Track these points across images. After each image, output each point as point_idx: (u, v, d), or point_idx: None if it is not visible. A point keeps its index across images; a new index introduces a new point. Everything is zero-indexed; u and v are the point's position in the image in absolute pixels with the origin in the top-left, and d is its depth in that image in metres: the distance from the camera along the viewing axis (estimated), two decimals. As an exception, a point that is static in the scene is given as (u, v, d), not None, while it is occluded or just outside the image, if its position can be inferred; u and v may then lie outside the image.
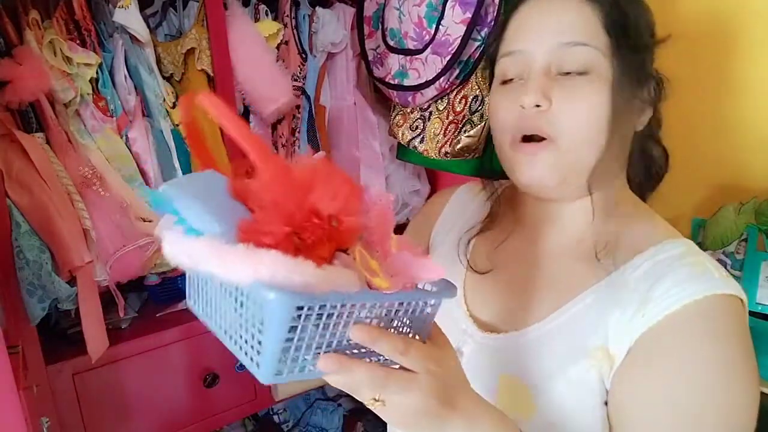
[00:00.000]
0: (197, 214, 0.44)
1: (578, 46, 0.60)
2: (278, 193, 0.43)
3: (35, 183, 1.04)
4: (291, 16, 1.33)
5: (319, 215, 0.43)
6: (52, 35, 1.06)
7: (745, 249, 1.10)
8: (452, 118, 1.22)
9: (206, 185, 0.46)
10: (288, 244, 0.42)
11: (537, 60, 0.62)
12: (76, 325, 1.14)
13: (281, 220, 0.42)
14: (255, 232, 0.42)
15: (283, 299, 0.40)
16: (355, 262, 0.45)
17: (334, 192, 0.43)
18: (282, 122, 1.37)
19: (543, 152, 0.62)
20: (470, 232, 0.79)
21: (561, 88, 0.61)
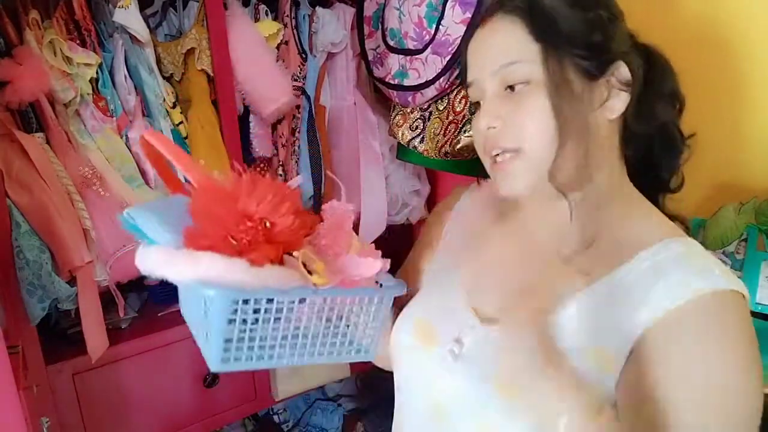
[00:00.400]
0: (154, 230, 0.52)
1: (511, 65, 0.66)
2: (209, 203, 0.49)
3: (35, 183, 1.04)
4: (291, 16, 1.33)
5: (251, 218, 0.49)
6: (52, 35, 1.06)
7: (745, 249, 1.10)
8: (452, 118, 1.22)
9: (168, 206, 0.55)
10: (226, 246, 0.48)
11: (485, 87, 0.69)
12: (76, 325, 1.14)
13: (216, 226, 0.48)
14: (195, 237, 0.48)
15: (218, 293, 0.47)
16: (297, 262, 0.51)
17: (259, 197, 0.49)
18: (282, 122, 1.37)
19: (512, 163, 0.67)
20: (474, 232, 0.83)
21: (510, 102, 0.66)
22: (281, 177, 1.40)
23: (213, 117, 1.25)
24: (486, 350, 0.70)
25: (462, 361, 0.70)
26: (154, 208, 0.55)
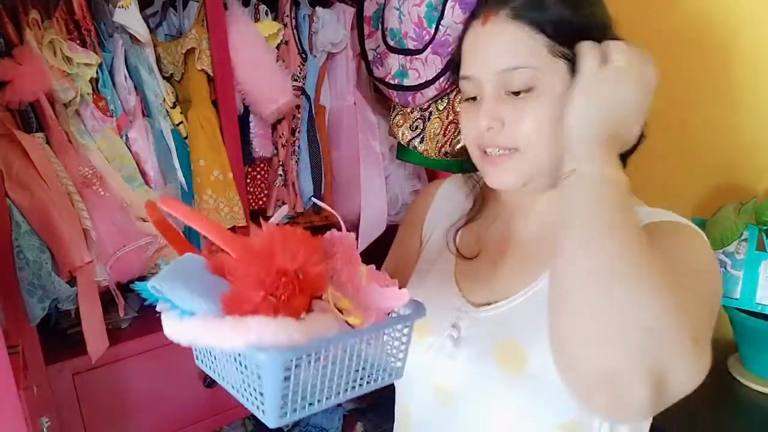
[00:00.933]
0: (184, 299, 0.52)
1: (516, 70, 0.68)
2: (246, 266, 0.50)
3: (35, 183, 1.04)
4: (291, 16, 1.33)
5: (286, 273, 0.50)
6: (52, 35, 1.06)
7: (745, 249, 1.10)
8: (452, 118, 1.22)
9: (187, 270, 0.55)
10: (266, 306, 0.49)
11: (485, 87, 0.71)
12: (76, 325, 1.14)
13: (255, 288, 0.49)
14: (236, 303, 0.49)
15: (272, 357, 0.48)
16: (329, 305, 0.53)
17: (293, 252, 0.51)
18: (282, 122, 1.37)
19: (506, 160, 0.71)
20: (457, 224, 0.88)
21: (511, 107, 0.69)
22: (281, 177, 1.40)
23: (213, 117, 1.25)
24: (481, 331, 0.75)
25: (462, 345, 0.75)
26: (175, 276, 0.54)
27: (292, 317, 0.50)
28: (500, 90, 0.70)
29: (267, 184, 1.42)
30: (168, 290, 0.53)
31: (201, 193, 1.25)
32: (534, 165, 0.71)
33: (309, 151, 1.42)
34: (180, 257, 0.55)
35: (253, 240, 0.52)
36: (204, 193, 1.25)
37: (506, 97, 0.70)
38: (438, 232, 0.91)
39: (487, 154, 0.73)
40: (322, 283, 0.53)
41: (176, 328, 0.53)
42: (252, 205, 1.39)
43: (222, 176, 1.25)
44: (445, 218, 0.91)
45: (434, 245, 0.90)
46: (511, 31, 0.68)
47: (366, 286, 0.57)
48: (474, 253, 0.83)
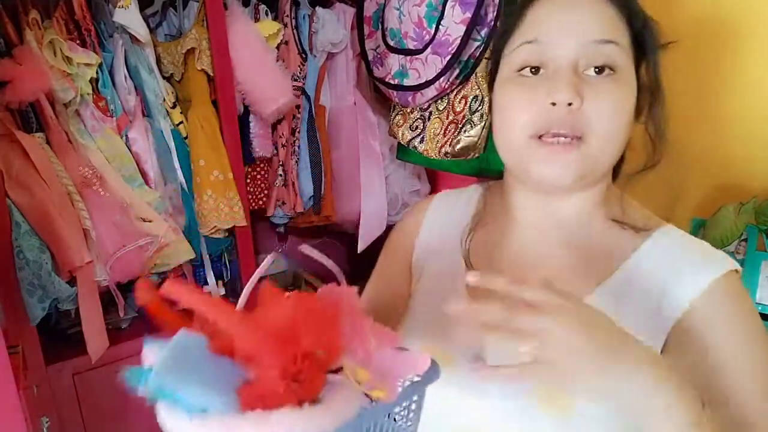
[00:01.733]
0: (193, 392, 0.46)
1: (608, 44, 0.60)
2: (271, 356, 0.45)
3: (35, 183, 1.04)
4: (291, 16, 1.33)
5: (308, 355, 0.45)
6: (52, 35, 1.06)
7: (745, 249, 1.10)
8: (452, 118, 1.22)
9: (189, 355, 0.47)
10: (290, 395, 0.44)
11: (565, 55, 0.60)
12: (76, 325, 1.14)
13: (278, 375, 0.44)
14: (258, 397, 0.44)
15: None
16: (347, 379, 0.48)
17: (319, 332, 0.46)
18: (282, 122, 1.37)
19: (569, 151, 0.60)
20: (466, 236, 0.77)
21: (590, 86, 0.60)
22: (281, 177, 1.40)
23: (213, 117, 1.25)
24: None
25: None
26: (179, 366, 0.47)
27: (311, 398, 0.45)
28: (581, 64, 0.60)
29: (267, 184, 1.42)
30: (174, 384, 0.46)
31: (201, 193, 1.25)
32: (596, 159, 0.61)
33: (309, 151, 1.42)
34: (176, 337, 0.47)
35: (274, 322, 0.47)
36: (204, 193, 1.25)
37: (583, 76, 0.60)
38: (439, 251, 0.79)
39: (543, 140, 0.61)
40: (341, 354, 0.48)
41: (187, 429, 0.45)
42: (252, 205, 1.39)
43: (222, 176, 1.25)
44: (444, 237, 0.79)
45: (437, 266, 0.79)
46: (600, 5, 0.61)
47: (379, 352, 0.51)
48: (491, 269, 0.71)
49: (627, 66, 0.61)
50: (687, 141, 1.15)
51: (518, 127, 0.63)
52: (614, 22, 0.61)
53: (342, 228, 1.65)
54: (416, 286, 0.79)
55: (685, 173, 1.12)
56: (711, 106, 1.16)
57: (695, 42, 1.13)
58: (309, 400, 0.45)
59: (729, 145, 1.16)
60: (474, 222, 0.76)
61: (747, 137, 1.14)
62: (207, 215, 1.25)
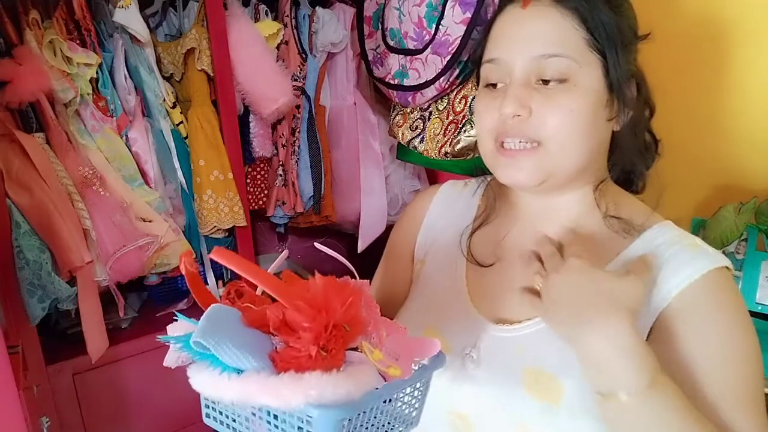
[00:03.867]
0: (231, 355, 0.49)
1: (553, 57, 0.64)
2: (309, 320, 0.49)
3: (35, 183, 1.04)
4: (291, 16, 1.33)
5: (338, 327, 0.50)
6: (52, 35, 1.06)
7: (745, 249, 1.10)
8: (452, 118, 1.22)
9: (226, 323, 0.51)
10: (320, 361, 0.48)
11: (515, 71, 0.66)
12: (76, 325, 1.14)
13: (309, 341, 0.48)
14: (293, 359, 0.48)
15: (330, 415, 0.48)
16: (366, 356, 0.52)
17: (347, 306, 0.50)
18: (282, 122, 1.37)
19: (527, 155, 0.66)
20: (468, 228, 0.80)
21: (541, 96, 0.64)
22: (281, 177, 1.40)
23: (213, 117, 1.25)
24: (506, 353, 0.68)
25: (483, 367, 0.68)
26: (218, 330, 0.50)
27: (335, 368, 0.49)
28: (531, 77, 0.65)
29: (267, 184, 1.42)
30: (215, 346, 0.49)
31: (201, 193, 1.25)
32: (556, 162, 0.65)
33: (309, 151, 1.42)
34: (212, 307, 0.51)
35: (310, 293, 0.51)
36: (204, 193, 1.25)
37: (536, 85, 0.65)
38: (442, 240, 0.82)
39: (504, 147, 0.67)
40: (361, 333, 0.52)
41: (224, 386, 0.49)
42: (252, 205, 1.39)
43: (222, 176, 1.25)
44: (448, 225, 0.83)
45: (439, 255, 0.82)
46: (554, 17, 0.64)
47: (390, 336, 0.56)
48: (490, 262, 0.75)
49: (580, 72, 0.64)
50: (687, 141, 1.15)
51: (485, 135, 0.70)
52: (561, 32, 0.64)
53: (342, 228, 1.65)
54: (418, 273, 0.83)
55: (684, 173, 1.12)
56: (711, 105, 1.16)
57: (696, 41, 1.13)
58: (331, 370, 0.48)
59: (729, 145, 1.16)
60: (478, 219, 0.80)
61: (747, 137, 1.14)
62: (207, 215, 1.26)
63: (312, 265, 1.97)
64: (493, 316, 0.71)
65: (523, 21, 0.66)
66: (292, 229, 1.68)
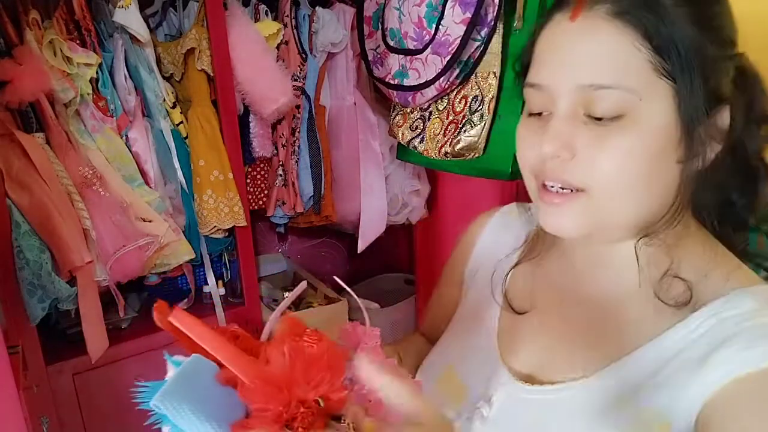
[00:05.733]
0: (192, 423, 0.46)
1: (604, 89, 0.51)
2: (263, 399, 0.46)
3: (35, 183, 1.04)
4: (291, 16, 1.33)
5: (305, 402, 0.46)
6: (52, 35, 1.06)
7: (745, 249, 1.10)
8: (452, 118, 1.22)
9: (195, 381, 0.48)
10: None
11: (560, 102, 0.54)
12: (76, 325, 1.14)
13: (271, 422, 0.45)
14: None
15: None
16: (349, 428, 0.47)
17: (316, 382, 0.46)
18: (282, 122, 1.37)
19: (571, 201, 0.54)
20: (506, 265, 0.70)
21: (589, 134, 0.52)
22: (281, 177, 1.40)
23: (213, 117, 1.25)
24: (518, 415, 0.59)
25: (489, 427, 0.60)
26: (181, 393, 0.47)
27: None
28: (578, 109, 0.52)
29: (267, 184, 1.42)
30: (173, 411, 0.46)
31: (201, 193, 1.25)
32: (604, 214, 0.54)
33: (309, 151, 1.42)
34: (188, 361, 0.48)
35: (272, 367, 0.47)
36: (204, 193, 1.25)
37: (585, 119, 0.52)
38: (485, 271, 0.73)
39: (546, 188, 0.55)
40: (342, 405, 0.47)
41: None
42: (252, 205, 1.39)
43: (222, 176, 1.25)
44: (492, 259, 0.73)
45: (479, 286, 0.73)
46: (608, 34, 0.51)
47: None
48: (525, 308, 0.65)
49: (641, 106, 0.51)
50: None
51: (527, 173, 0.59)
52: (616, 55, 0.51)
53: (342, 228, 1.65)
54: (462, 301, 0.75)
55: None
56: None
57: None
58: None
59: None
60: (520, 255, 0.70)
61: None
62: (207, 215, 1.26)
63: (312, 265, 1.97)
64: (520, 370, 0.62)
65: (570, 38, 0.53)
66: (292, 229, 1.68)
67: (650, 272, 0.57)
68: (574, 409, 0.56)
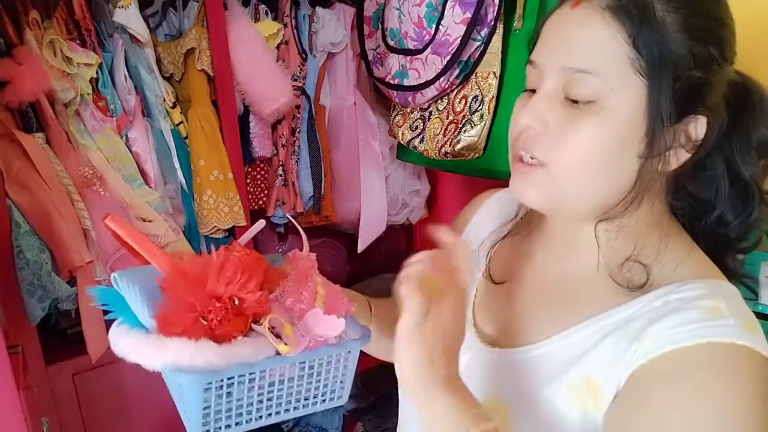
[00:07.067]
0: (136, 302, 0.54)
1: (582, 73, 0.54)
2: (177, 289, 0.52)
3: (35, 183, 1.04)
4: (291, 16, 1.33)
5: (220, 298, 0.51)
6: (52, 35, 1.06)
7: (745, 249, 1.10)
8: (452, 118, 1.22)
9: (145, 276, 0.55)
10: (197, 328, 0.50)
11: (545, 79, 0.58)
12: (76, 325, 1.14)
13: (186, 310, 0.51)
14: (166, 323, 0.51)
15: (189, 379, 0.50)
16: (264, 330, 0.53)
17: (228, 278, 0.52)
18: (282, 122, 1.37)
19: (532, 174, 0.59)
20: (493, 237, 0.75)
21: (563, 113, 0.56)
22: (281, 177, 1.40)
23: (213, 117, 1.25)
24: (478, 373, 0.65)
25: None
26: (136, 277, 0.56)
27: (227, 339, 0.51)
28: (559, 89, 0.56)
29: (267, 184, 1.42)
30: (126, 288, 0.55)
31: (201, 193, 1.25)
32: (562, 190, 0.58)
33: (309, 151, 1.42)
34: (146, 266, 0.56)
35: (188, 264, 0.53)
36: (204, 193, 1.25)
37: (563, 100, 0.56)
38: (474, 243, 0.78)
39: (521, 160, 0.60)
40: (262, 308, 0.54)
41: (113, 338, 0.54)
42: (252, 205, 1.39)
43: (222, 176, 1.26)
44: (485, 232, 0.78)
45: None
46: (596, 24, 0.54)
47: (312, 313, 0.57)
48: (502, 278, 0.70)
49: (612, 95, 0.54)
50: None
51: (511, 140, 0.63)
52: (599, 44, 0.54)
53: (342, 228, 1.65)
54: None
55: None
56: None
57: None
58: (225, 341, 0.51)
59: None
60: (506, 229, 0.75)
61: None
62: (207, 215, 1.26)
63: (312, 265, 1.95)
64: (488, 334, 0.68)
65: (566, 24, 0.57)
66: (292, 229, 1.68)
67: (610, 255, 0.61)
68: (527, 371, 0.61)
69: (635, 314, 0.56)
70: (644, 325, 0.54)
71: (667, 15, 0.53)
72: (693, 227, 0.62)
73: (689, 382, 0.50)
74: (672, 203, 0.61)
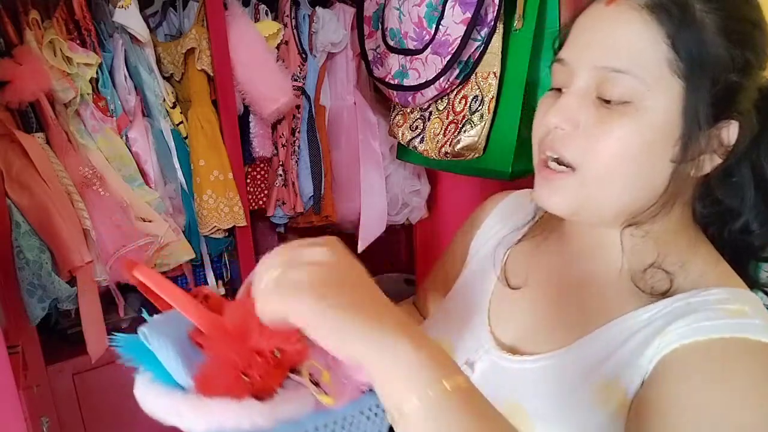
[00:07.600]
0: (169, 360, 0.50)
1: (618, 73, 0.53)
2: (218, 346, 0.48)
3: (35, 183, 1.04)
4: (291, 16, 1.33)
5: (261, 353, 0.48)
6: (52, 35, 1.06)
7: None
8: (452, 118, 1.22)
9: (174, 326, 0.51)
10: (240, 386, 0.47)
11: (576, 78, 0.56)
12: (76, 325, 1.14)
13: (227, 368, 0.47)
14: (207, 383, 0.47)
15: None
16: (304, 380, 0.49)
17: (270, 333, 0.48)
18: (282, 122, 1.37)
19: (563, 178, 0.56)
20: (508, 241, 0.73)
21: (594, 114, 0.54)
22: (281, 177, 1.40)
23: (213, 117, 1.25)
24: (495, 380, 0.63)
25: None
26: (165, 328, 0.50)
27: (267, 395, 0.48)
28: (591, 89, 0.55)
29: (267, 184, 1.42)
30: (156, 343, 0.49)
31: (201, 193, 1.25)
32: (591, 195, 0.56)
33: (309, 151, 1.42)
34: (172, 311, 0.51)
35: (228, 319, 0.49)
36: (204, 193, 1.25)
37: (595, 100, 0.54)
38: (487, 247, 0.76)
39: (545, 164, 0.58)
40: (301, 357, 0.49)
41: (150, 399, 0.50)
42: (252, 205, 1.39)
43: (222, 176, 1.26)
44: (498, 235, 0.76)
45: (479, 264, 0.76)
46: (633, 23, 0.52)
47: None
48: (519, 284, 0.68)
49: (648, 96, 0.52)
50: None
51: (535, 142, 0.61)
52: (637, 44, 0.52)
53: (342, 228, 1.65)
54: (458, 276, 0.79)
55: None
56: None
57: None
58: (265, 397, 0.47)
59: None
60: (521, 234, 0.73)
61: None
62: (207, 215, 1.26)
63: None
64: (505, 341, 0.66)
65: (600, 21, 0.55)
66: (292, 229, 1.68)
67: (634, 260, 0.59)
68: (547, 378, 0.59)
69: (656, 315, 0.55)
70: (665, 323, 0.53)
71: (705, 16, 0.52)
72: (714, 234, 0.61)
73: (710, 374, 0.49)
74: (697, 210, 0.59)
